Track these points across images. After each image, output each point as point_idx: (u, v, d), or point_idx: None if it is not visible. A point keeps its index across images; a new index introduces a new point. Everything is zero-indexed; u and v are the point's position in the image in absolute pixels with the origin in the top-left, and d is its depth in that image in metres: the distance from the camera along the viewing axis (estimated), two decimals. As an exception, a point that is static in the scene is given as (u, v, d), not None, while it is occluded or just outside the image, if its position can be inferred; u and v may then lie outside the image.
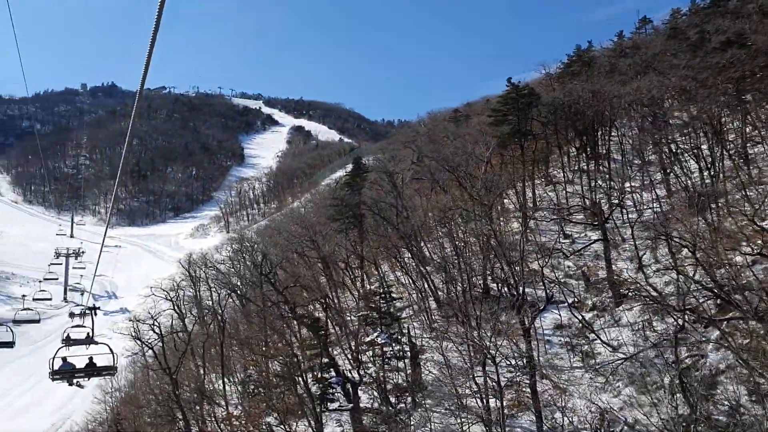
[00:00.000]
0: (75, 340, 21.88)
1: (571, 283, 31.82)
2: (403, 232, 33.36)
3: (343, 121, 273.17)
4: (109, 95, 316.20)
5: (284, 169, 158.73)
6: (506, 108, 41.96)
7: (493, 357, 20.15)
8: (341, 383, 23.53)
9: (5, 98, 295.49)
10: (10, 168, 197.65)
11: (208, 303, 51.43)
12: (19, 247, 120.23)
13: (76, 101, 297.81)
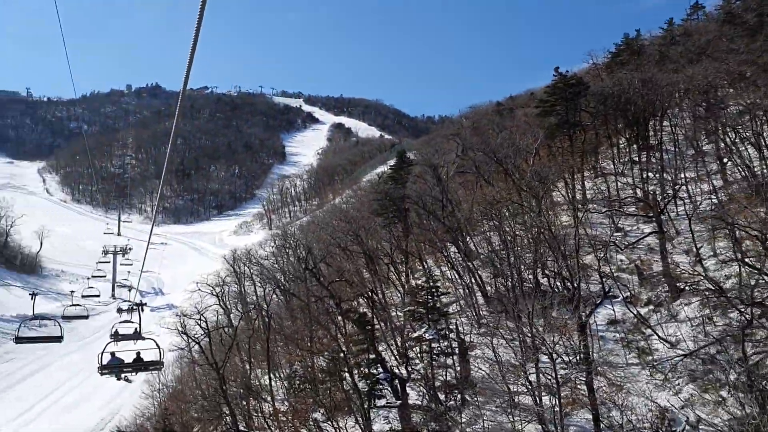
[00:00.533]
0: (123, 335, 22.96)
1: (624, 278, 30.79)
2: (448, 226, 32.68)
3: (383, 118, 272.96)
4: (154, 96, 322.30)
5: (325, 166, 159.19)
6: (554, 98, 40.90)
7: (551, 353, 19.37)
8: (389, 380, 23.02)
9: (54, 100, 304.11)
10: (58, 168, 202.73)
11: (253, 299, 51.59)
12: (68, 245, 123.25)
13: (121, 102, 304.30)
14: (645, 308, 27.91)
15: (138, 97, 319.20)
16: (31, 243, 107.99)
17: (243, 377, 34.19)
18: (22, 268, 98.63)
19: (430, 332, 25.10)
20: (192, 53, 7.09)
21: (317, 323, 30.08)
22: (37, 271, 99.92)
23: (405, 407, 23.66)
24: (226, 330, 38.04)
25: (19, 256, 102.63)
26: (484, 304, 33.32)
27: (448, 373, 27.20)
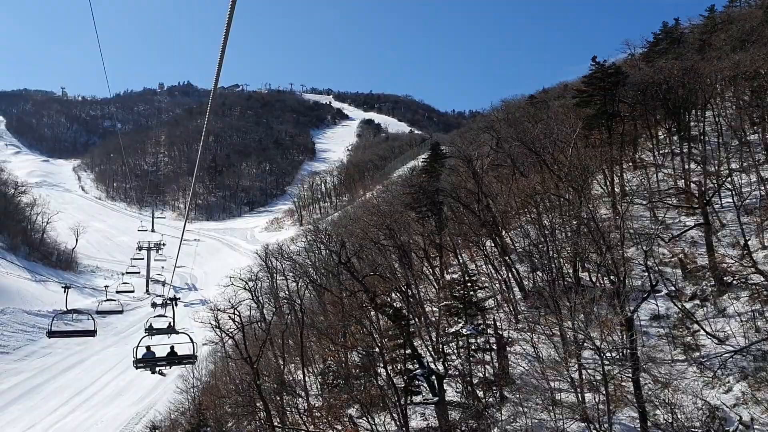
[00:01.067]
0: (157, 329, 23.04)
1: (667, 272, 29.82)
2: (484, 220, 32.00)
3: (413, 113, 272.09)
4: (186, 94, 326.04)
5: (355, 162, 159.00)
6: (591, 88, 39.89)
7: (598, 348, 18.66)
8: (426, 376, 22.50)
9: (88, 99, 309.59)
10: (93, 166, 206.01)
11: (285, 294, 51.53)
12: (103, 241, 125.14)
13: (154, 101, 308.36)
14: (690, 303, 26.94)
15: (170, 96, 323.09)
16: (67, 239, 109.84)
17: (276, 372, 33.97)
18: (58, 264, 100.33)
19: (468, 327, 24.51)
20: (222, 52, 7.21)
21: (351, 318, 29.68)
22: (73, 267, 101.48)
23: (442, 404, 23.10)
24: (260, 324, 37.88)
25: (55, 252, 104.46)
26: (522, 299, 32.62)
27: (485, 369, 26.61)
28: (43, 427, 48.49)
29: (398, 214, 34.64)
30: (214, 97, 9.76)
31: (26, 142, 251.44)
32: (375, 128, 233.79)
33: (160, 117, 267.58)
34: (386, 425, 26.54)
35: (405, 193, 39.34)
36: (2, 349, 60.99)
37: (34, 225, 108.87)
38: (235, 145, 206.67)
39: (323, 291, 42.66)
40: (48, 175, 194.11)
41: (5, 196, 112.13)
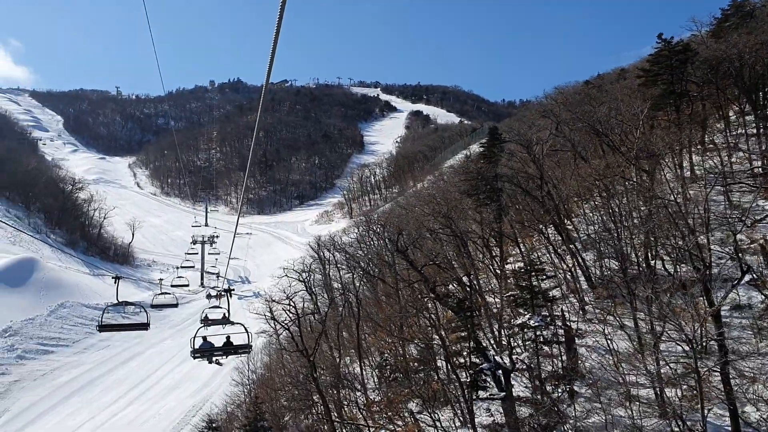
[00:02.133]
0: (212, 320, 23.54)
1: (746, 259, 27.78)
2: (548, 206, 30.44)
3: (462, 104, 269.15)
4: (236, 91, 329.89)
5: (404, 153, 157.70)
6: (657, 67, 37.75)
7: (690, 340, 17.11)
8: (492, 369, 21.25)
9: (142, 98, 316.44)
10: (148, 163, 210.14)
11: (338, 285, 50.83)
12: (158, 236, 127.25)
13: (205, 98, 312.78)
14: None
15: (221, 93, 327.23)
16: (124, 234, 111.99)
17: (332, 365, 33.17)
18: (115, 258, 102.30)
19: (535, 319, 23.11)
20: (273, 51, 7.31)
21: (413, 309, 28.59)
22: (130, 261, 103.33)
23: (510, 399, 21.80)
24: (315, 316, 37.17)
25: (112, 247, 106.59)
26: (588, 289, 31.02)
27: (553, 362, 25.21)
28: (102, 419, 48.99)
29: (455, 201, 33.28)
30: (265, 95, 9.93)
31: (83, 140, 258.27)
32: (423, 119, 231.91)
33: (211, 114, 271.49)
34: (449, 421, 25.45)
35: (462, 180, 37.93)
36: (62, 342, 62.08)
37: (92, 220, 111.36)
38: (285, 140, 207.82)
39: (377, 282, 41.73)
40: (105, 172, 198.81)
41: (63, 192, 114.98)
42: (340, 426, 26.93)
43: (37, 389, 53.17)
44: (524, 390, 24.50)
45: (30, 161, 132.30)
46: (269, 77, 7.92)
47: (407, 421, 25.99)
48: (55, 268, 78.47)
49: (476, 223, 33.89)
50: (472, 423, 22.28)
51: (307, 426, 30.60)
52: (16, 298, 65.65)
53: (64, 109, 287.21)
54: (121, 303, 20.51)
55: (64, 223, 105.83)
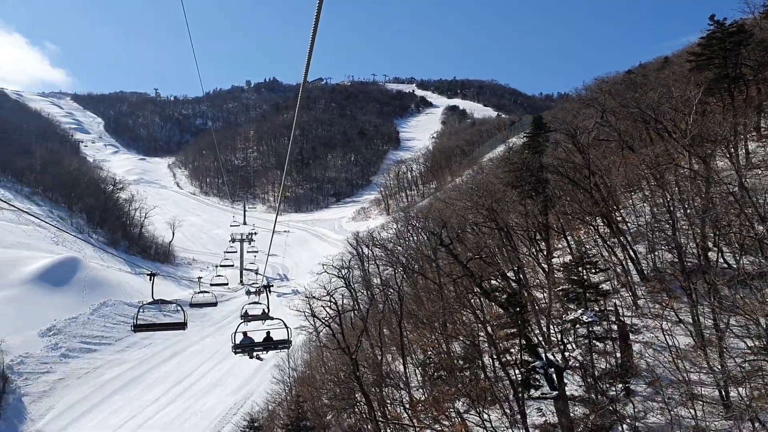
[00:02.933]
0: (252, 316, 23.87)
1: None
2: (597, 197, 29.13)
3: (499, 98, 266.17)
4: (272, 90, 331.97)
5: (441, 149, 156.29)
6: (709, 51, 36.01)
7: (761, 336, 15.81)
8: (544, 367, 20.18)
9: (180, 99, 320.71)
10: (187, 163, 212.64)
11: (377, 281, 50.11)
12: (198, 234, 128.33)
13: (242, 98, 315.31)
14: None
15: (257, 92, 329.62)
16: (164, 233, 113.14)
17: (374, 363, 32.38)
18: (156, 256, 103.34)
19: (588, 314, 21.94)
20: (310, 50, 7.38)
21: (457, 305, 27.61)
22: (171, 260, 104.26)
23: (562, 398, 20.70)
24: (354, 313, 36.44)
25: (153, 245, 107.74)
26: (640, 282, 29.63)
27: (607, 360, 23.99)
28: (144, 417, 49.11)
29: (499, 193, 32.15)
30: (302, 94, 10.43)
31: (123, 141, 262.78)
32: (460, 114, 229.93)
33: (248, 114, 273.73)
34: (497, 420, 24.43)
35: (505, 171, 36.74)
36: (105, 340, 62.64)
37: (133, 220, 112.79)
38: (321, 138, 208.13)
39: (419, 277, 40.79)
40: (145, 172, 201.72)
41: (105, 192, 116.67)
42: (384, 425, 26.12)
43: (81, 387, 53.64)
44: (577, 389, 23.36)
45: (72, 163, 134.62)
46: (306, 76, 8.01)
47: (454, 421, 25.04)
48: (97, 267, 79.43)
49: (520, 215, 32.68)
50: (524, 423, 21.24)
51: (349, 425, 29.89)
52: (59, 297, 66.47)
53: (104, 112, 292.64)
54: (156, 301, 19.83)
55: (106, 223, 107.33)
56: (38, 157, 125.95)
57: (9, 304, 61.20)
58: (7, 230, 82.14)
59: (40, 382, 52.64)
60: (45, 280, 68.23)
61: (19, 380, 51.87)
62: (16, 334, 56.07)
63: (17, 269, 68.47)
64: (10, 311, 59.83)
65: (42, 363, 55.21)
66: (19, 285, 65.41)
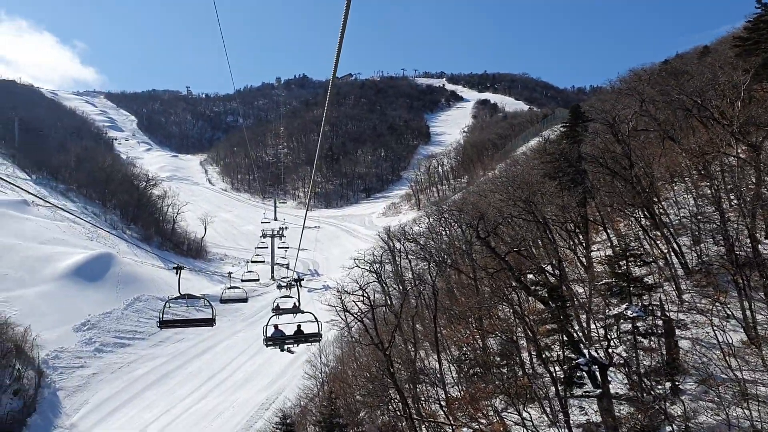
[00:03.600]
0: (283, 309, 23.93)
1: None
2: (640, 188, 28.00)
3: (530, 91, 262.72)
4: (301, 86, 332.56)
5: (473, 143, 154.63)
6: (757, 35, 34.55)
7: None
8: (588, 364, 19.28)
9: (211, 96, 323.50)
10: (218, 160, 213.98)
11: (409, 276, 49.42)
12: (230, 230, 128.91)
13: (272, 95, 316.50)
14: None
15: (287, 89, 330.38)
16: (196, 229, 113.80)
17: (408, 359, 31.69)
18: (189, 252, 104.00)
19: (633, 309, 20.94)
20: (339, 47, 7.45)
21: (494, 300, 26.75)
22: (203, 255, 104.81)
23: (606, 397, 19.78)
24: (387, 308, 35.76)
25: (185, 241, 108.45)
26: (684, 276, 28.45)
27: (652, 357, 22.94)
28: (177, 411, 49.18)
29: (537, 185, 31.13)
30: (332, 89, 10.03)
31: (156, 139, 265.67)
32: (491, 108, 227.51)
33: (278, 110, 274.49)
34: (537, 419, 23.55)
35: (543, 162, 35.70)
36: (138, 335, 62.98)
37: (165, 216, 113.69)
38: (351, 133, 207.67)
39: (452, 272, 39.98)
40: (177, 169, 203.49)
41: (138, 189, 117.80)
42: (419, 423, 25.41)
43: (115, 382, 53.96)
44: (621, 387, 22.38)
45: (106, 160, 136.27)
46: (335, 71, 8.04)
47: (491, 419, 24.23)
48: (130, 262, 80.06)
49: (557, 207, 31.63)
50: (567, 422, 20.34)
51: (383, 422, 29.25)
52: (93, 292, 67.06)
53: (137, 110, 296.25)
54: (183, 296, 19.39)
55: (139, 219, 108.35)
56: (73, 154, 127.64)
57: (44, 299, 61.91)
58: (42, 226, 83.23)
59: (75, 376, 53.07)
60: (80, 275, 68.93)
61: (54, 374, 52.36)
62: (52, 329, 56.65)
63: (52, 265, 69.27)
64: (45, 306, 60.50)
65: (76, 357, 55.69)
66: (55, 280, 66.18)
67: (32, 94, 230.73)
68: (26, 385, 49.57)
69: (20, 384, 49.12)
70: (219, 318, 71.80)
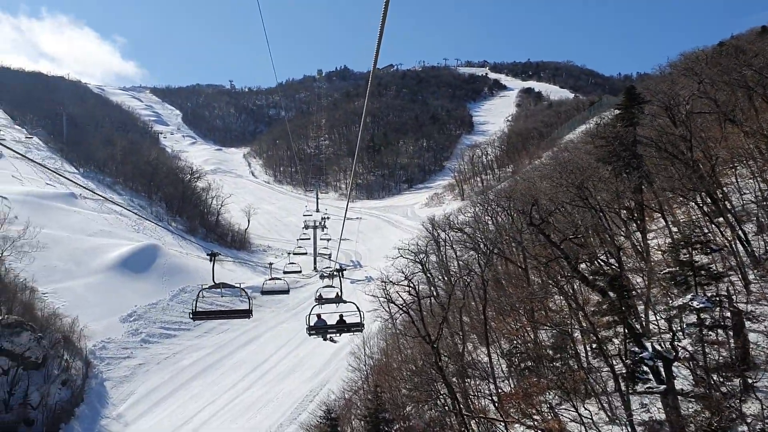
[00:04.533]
0: (326, 299, 23.65)
1: None
2: (701, 173, 26.33)
3: (575, 79, 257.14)
4: (343, 78, 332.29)
5: (517, 131, 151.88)
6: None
7: None
8: (652, 358, 17.96)
9: (254, 90, 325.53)
10: (261, 152, 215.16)
11: (454, 267, 48.26)
12: (273, 222, 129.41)
13: (314, 87, 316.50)
14: None
15: (328, 81, 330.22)
16: (240, 221, 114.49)
17: (455, 352, 30.62)
18: (232, 243, 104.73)
19: (699, 299, 19.49)
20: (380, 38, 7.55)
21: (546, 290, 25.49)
22: (246, 247, 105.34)
23: (671, 393, 18.44)
24: (432, 299, 34.70)
25: (229, 233, 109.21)
26: (751, 265, 26.73)
27: (719, 351, 21.44)
28: (222, 402, 49.13)
29: (591, 170, 29.58)
30: (372, 81, 10.35)
31: (200, 133, 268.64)
32: (535, 96, 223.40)
33: (319, 102, 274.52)
34: (595, 416, 22.27)
35: (596, 146, 34.11)
36: (184, 326, 63.27)
37: (210, 208, 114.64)
38: (392, 124, 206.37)
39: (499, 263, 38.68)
40: (221, 162, 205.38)
41: (183, 181, 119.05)
42: (469, 419, 24.35)
43: (161, 372, 54.24)
44: (686, 383, 20.95)
45: (151, 153, 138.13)
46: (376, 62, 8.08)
47: (545, 416, 23.02)
48: (176, 254, 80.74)
49: (612, 194, 30.07)
50: (630, 420, 19.05)
51: (431, 417, 28.30)
52: (140, 283, 67.74)
53: (182, 104, 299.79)
54: (218, 285, 18.69)
55: (184, 211, 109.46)
56: (119, 147, 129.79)
57: (92, 290, 62.69)
58: (90, 219, 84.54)
59: (121, 367, 53.54)
60: (126, 267, 69.69)
61: (101, 365, 52.89)
62: (99, 320, 57.26)
63: (100, 256, 70.21)
64: (92, 297, 61.25)
65: (123, 348, 56.20)
66: (102, 272, 67.02)
67: (80, 90, 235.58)
68: (74, 375, 50.16)
69: (68, 374, 49.72)
70: (262, 309, 72.14)
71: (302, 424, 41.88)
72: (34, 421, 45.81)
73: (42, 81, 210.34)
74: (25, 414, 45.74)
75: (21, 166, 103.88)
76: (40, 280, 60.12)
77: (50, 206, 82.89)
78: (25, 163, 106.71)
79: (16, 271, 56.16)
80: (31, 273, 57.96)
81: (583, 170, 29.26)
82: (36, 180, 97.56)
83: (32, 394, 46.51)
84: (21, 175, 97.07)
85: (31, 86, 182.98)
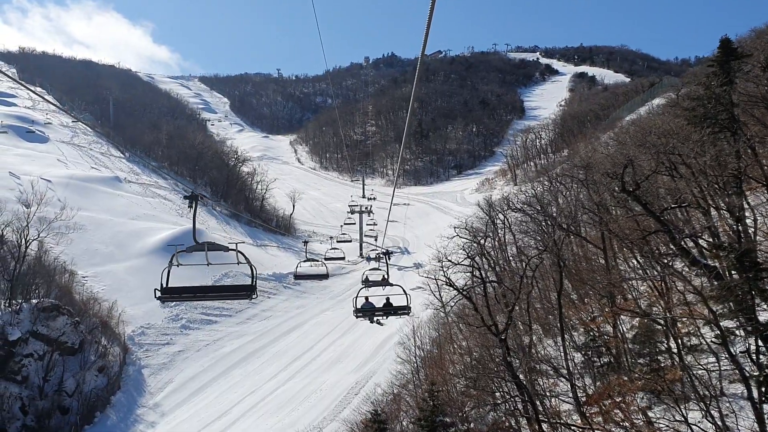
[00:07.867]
0: (372, 281, 23.49)
1: None
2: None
3: (631, 63, 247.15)
4: (390, 65, 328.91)
5: (572, 114, 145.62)
6: None
7: None
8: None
9: (301, 78, 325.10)
10: (307, 139, 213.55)
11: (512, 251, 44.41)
12: (318, 207, 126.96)
13: (360, 74, 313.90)
14: None
15: (375, 68, 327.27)
16: (285, 206, 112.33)
17: (520, 345, 26.77)
18: (277, 229, 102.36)
19: None
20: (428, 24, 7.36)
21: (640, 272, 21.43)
22: (291, 232, 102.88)
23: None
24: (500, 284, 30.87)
25: (274, 218, 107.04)
26: None
27: None
28: (263, 393, 46.45)
29: (683, 132, 25.23)
30: (420, 66, 9.98)
31: (248, 120, 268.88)
32: (589, 81, 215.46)
33: (366, 89, 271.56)
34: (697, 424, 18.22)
35: (685, 108, 29.68)
36: (226, 312, 60.87)
37: (255, 193, 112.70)
38: (440, 109, 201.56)
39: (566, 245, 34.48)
40: (268, 149, 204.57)
41: (228, 166, 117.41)
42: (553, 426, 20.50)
43: (200, 360, 51.86)
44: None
45: (197, 137, 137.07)
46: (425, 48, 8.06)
47: (634, 422, 19.07)
48: (219, 238, 78.32)
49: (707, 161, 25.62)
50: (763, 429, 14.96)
51: (494, 419, 24.60)
52: (182, 268, 65.44)
53: (230, 92, 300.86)
54: (201, 245, 13.62)
55: (229, 196, 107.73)
56: (165, 132, 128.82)
57: (133, 274, 60.78)
58: (134, 202, 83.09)
59: (160, 354, 51.34)
60: (168, 251, 67.02)
61: (140, 351, 50.80)
62: (139, 305, 55.17)
63: (142, 240, 68.42)
64: (133, 281, 59.28)
65: (162, 334, 54.07)
66: (144, 255, 65.11)
67: (130, 78, 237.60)
68: (111, 362, 48.17)
69: (105, 361, 47.74)
70: (306, 295, 69.30)
71: (345, 421, 38.58)
72: (69, 410, 43.88)
73: (92, 69, 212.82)
74: (60, 401, 43.87)
75: (67, 150, 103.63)
76: (81, 264, 58.54)
77: (94, 189, 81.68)
78: (71, 147, 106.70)
79: (55, 253, 54.50)
80: (71, 256, 56.36)
81: (672, 133, 24.95)
82: (81, 164, 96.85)
83: (67, 380, 44.64)
84: (66, 159, 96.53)
85: (81, 74, 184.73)
